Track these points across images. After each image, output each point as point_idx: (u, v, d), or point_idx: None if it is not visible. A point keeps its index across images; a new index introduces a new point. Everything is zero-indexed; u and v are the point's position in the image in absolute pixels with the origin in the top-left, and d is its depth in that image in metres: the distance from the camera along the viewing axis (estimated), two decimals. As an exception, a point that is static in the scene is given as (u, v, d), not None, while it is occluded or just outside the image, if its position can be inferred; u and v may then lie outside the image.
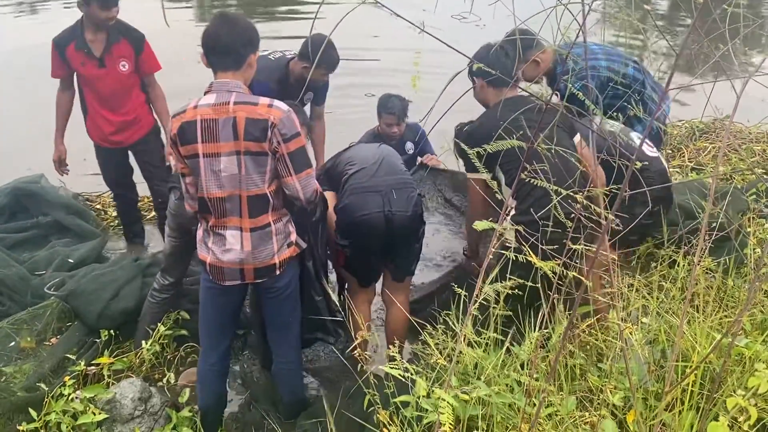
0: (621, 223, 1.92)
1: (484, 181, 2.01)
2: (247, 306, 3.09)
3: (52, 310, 3.16)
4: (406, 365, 1.98)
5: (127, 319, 3.18)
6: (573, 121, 2.65)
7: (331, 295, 2.66)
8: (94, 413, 2.59)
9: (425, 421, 1.93)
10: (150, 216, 4.54)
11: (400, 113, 4.05)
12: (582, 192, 1.71)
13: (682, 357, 2.02)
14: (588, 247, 1.64)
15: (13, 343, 3.00)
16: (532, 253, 1.74)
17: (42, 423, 2.56)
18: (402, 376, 1.94)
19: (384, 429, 2.00)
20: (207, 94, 2.32)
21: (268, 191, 2.34)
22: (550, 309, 2.01)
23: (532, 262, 1.73)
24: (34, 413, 2.57)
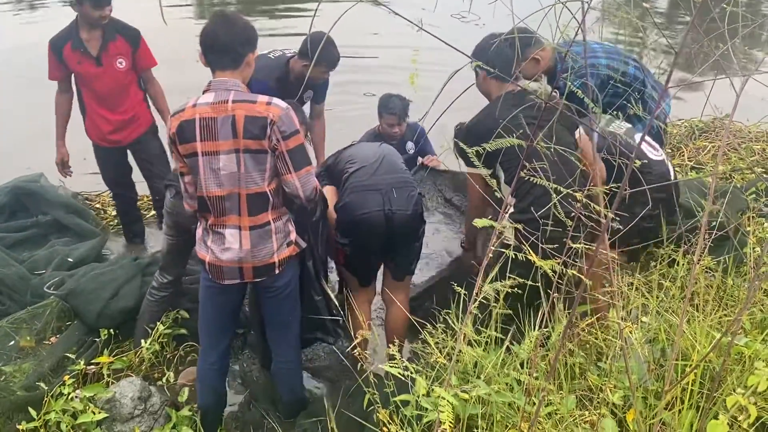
0: (621, 222, 1.91)
1: (483, 179, 2.01)
2: (247, 305, 3.09)
3: (51, 309, 3.16)
4: (406, 364, 1.98)
5: (127, 319, 3.18)
6: (574, 117, 2.63)
7: (330, 295, 2.66)
8: (93, 412, 2.59)
9: (425, 420, 1.93)
10: (150, 215, 4.54)
11: (401, 113, 4.04)
12: (582, 191, 1.71)
13: (682, 356, 2.02)
14: (588, 246, 1.64)
15: (13, 342, 3.00)
16: (531, 251, 1.73)
17: (42, 422, 2.56)
18: (402, 375, 1.94)
19: (384, 428, 2.00)
20: (206, 92, 2.31)
21: (268, 189, 2.34)
22: (550, 308, 2.01)
23: (532, 261, 1.72)
24: (33, 412, 2.56)
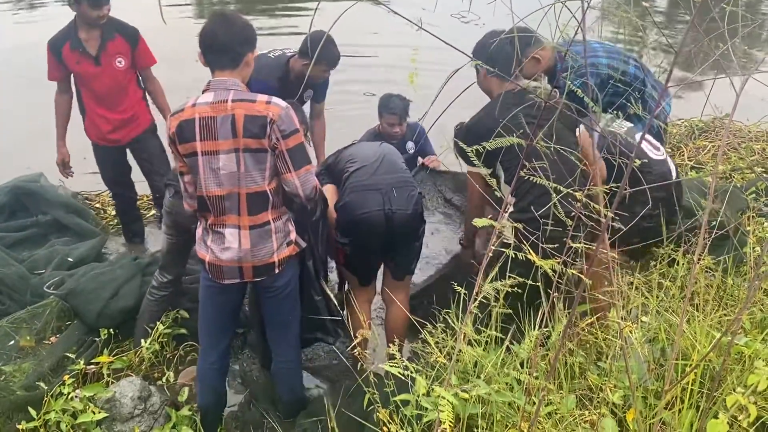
0: (621, 222, 1.91)
1: (482, 178, 2.00)
2: (247, 305, 3.09)
3: (51, 309, 3.16)
4: (406, 363, 1.98)
5: (127, 318, 3.18)
6: (576, 113, 2.61)
7: (330, 295, 2.66)
8: (93, 412, 2.59)
9: (425, 420, 1.92)
10: (149, 215, 4.54)
11: (401, 113, 4.05)
12: (582, 190, 1.71)
13: (682, 355, 2.02)
14: (588, 246, 1.64)
15: (13, 341, 3.00)
16: (531, 251, 1.73)
17: (41, 422, 2.56)
18: (402, 375, 1.94)
19: (384, 427, 2.00)
20: (205, 92, 2.31)
21: (268, 188, 2.34)
22: (550, 307, 2.01)
23: (531, 261, 1.72)
24: (33, 412, 2.56)
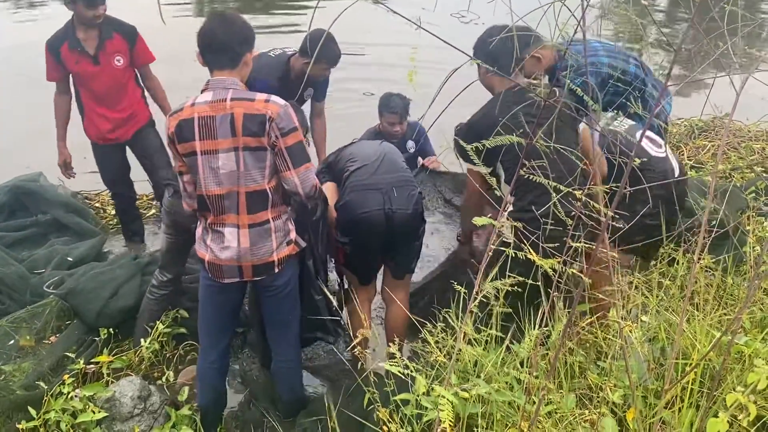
0: (623, 221, 1.90)
1: (482, 176, 2.00)
2: (247, 304, 3.09)
3: (51, 308, 3.16)
4: (406, 362, 1.98)
5: (126, 318, 3.18)
6: (576, 109, 2.59)
7: (328, 295, 2.66)
8: (93, 412, 2.59)
9: (425, 419, 1.92)
10: (149, 214, 4.54)
11: (402, 112, 4.05)
12: (582, 189, 1.70)
13: (682, 355, 2.02)
14: (588, 245, 1.64)
15: (13, 341, 3.00)
16: (531, 250, 1.73)
17: (41, 421, 2.56)
18: (402, 374, 1.94)
19: (384, 427, 2.00)
20: (204, 92, 2.32)
21: (268, 187, 2.34)
22: (550, 307, 2.01)
23: (531, 260, 1.72)
24: (33, 412, 2.56)
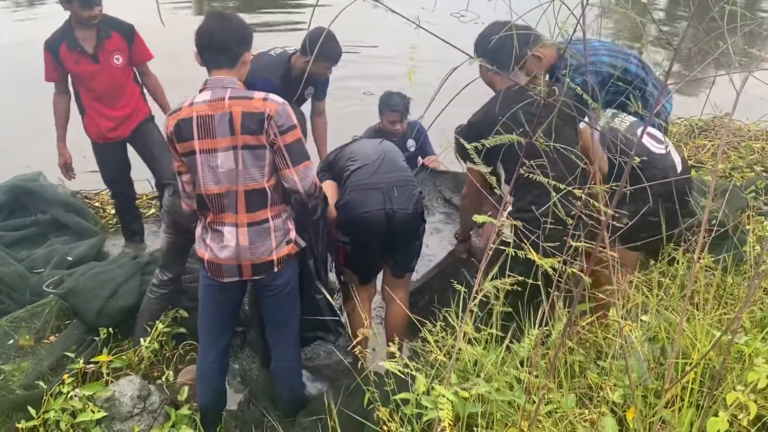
0: (626, 218, 1.90)
1: (481, 175, 2.00)
2: (246, 304, 3.09)
3: (50, 308, 3.17)
4: (406, 361, 1.98)
5: (126, 317, 3.18)
6: (576, 108, 2.56)
7: (326, 295, 2.65)
8: (93, 411, 2.59)
9: (425, 419, 1.92)
10: (149, 213, 4.53)
11: (402, 110, 4.05)
12: (582, 189, 1.70)
13: (682, 354, 2.02)
14: (588, 245, 1.64)
15: (12, 341, 3.01)
16: (532, 250, 1.73)
17: (41, 421, 2.56)
18: (402, 373, 1.94)
19: (384, 426, 2.00)
20: (202, 91, 2.32)
21: (267, 185, 2.34)
22: (550, 306, 2.01)
23: (531, 259, 1.72)
24: (33, 411, 2.56)
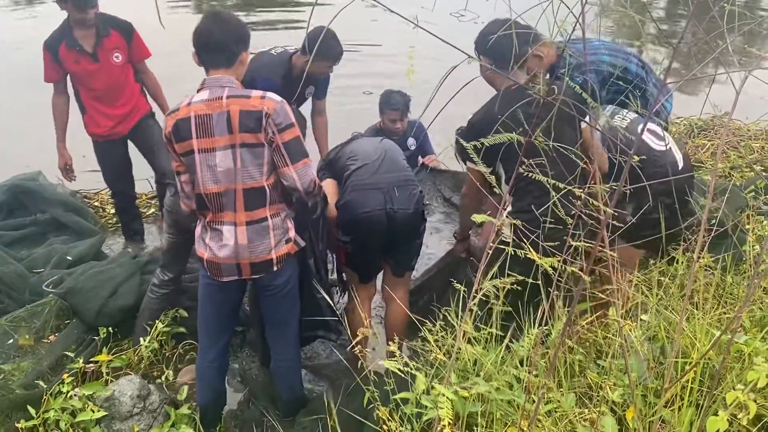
0: (628, 216, 1.89)
1: (481, 174, 1.99)
2: (246, 303, 3.09)
3: (50, 307, 3.16)
4: (406, 361, 1.98)
5: (126, 317, 3.18)
6: (576, 107, 2.53)
7: (324, 296, 2.65)
8: (92, 410, 2.59)
9: (425, 418, 1.92)
10: (149, 213, 4.53)
11: (403, 109, 4.05)
12: (582, 188, 1.70)
13: (682, 354, 2.02)
14: (589, 244, 1.64)
15: (12, 340, 3.01)
16: (531, 249, 1.73)
17: (40, 420, 2.56)
18: (401, 372, 1.94)
19: (384, 426, 2.00)
20: (200, 91, 2.33)
21: (266, 184, 2.34)
22: (550, 305, 2.01)
23: (531, 259, 1.72)
24: (32, 411, 2.56)
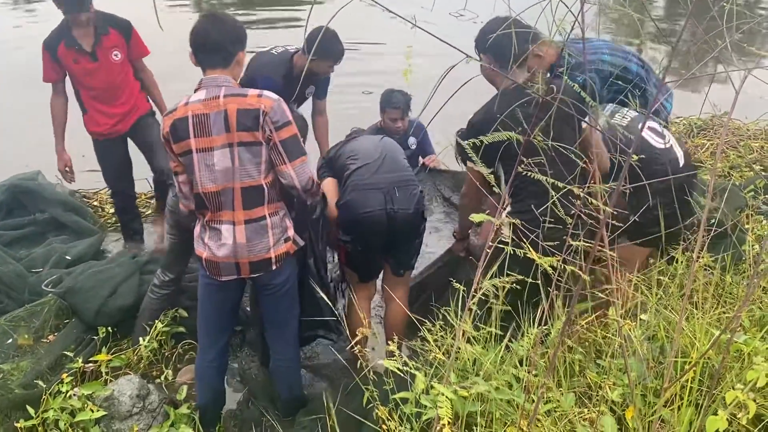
0: (631, 214, 1.89)
1: (481, 175, 1.99)
2: (247, 303, 3.08)
3: (49, 307, 3.17)
4: (405, 360, 1.98)
5: (125, 316, 3.18)
6: (576, 106, 2.52)
7: (323, 296, 2.65)
8: (92, 410, 2.59)
9: (424, 418, 1.92)
10: (148, 213, 4.53)
11: (404, 107, 4.05)
12: (582, 188, 1.70)
13: (681, 353, 2.02)
14: (588, 244, 1.64)
15: (11, 340, 3.01)
16: (531, 249, 1.73)
17: (40, 420, 2.56)
18: (401, 372, 1.94)
19: (383, 425, 2.00)
20: (197, 90, 2.33)
21: (264, 182, 2.35)
22: (549, 305, 2.01)
23: (530, 258, 1.72)
24: (31, 410, 2.56)
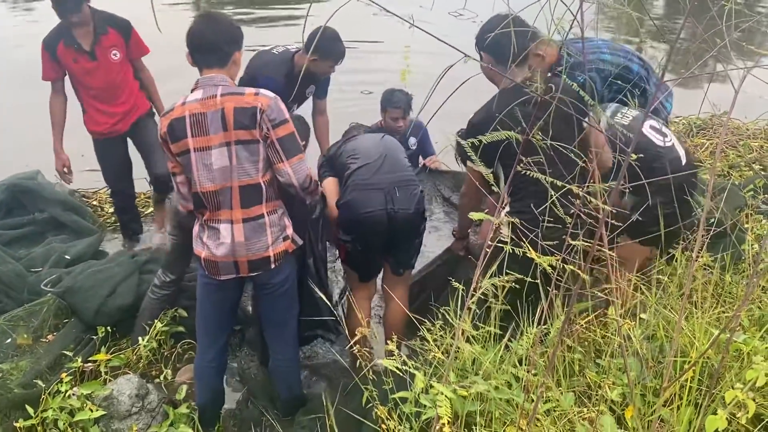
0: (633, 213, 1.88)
1: (481, 174, 1.99)
2: (246, 302, 3.08)
3: (48, 306, 3.16)
4: (405, 360, 1.98)
5: (124, 316, 3.17)
6: (575, 105, 2.50)
7: (322, 296, 2.65)
8: (91, 410, 2.59)
9: (424, 417, 1.92)
10: (148, 212, 4.53)
11: (405, 107, 4.05)
12: (581, 187, 1.70)
13: (681, 353, 2.02)
14: (587, 243, 1.63)
15: (10, 339, 3.00)
16: (530, 248, 1.73)
17: (39, 420, 2.56)
18: (400, 371, 1.94)
19: (383, 425, 2.00)
20: (194, 90, 2.33)
21: (262, 181, 2.35)
22: (549, 304, 2.01)
23: (530, 258, 1.72)
24: (31, 410, 2.56)
